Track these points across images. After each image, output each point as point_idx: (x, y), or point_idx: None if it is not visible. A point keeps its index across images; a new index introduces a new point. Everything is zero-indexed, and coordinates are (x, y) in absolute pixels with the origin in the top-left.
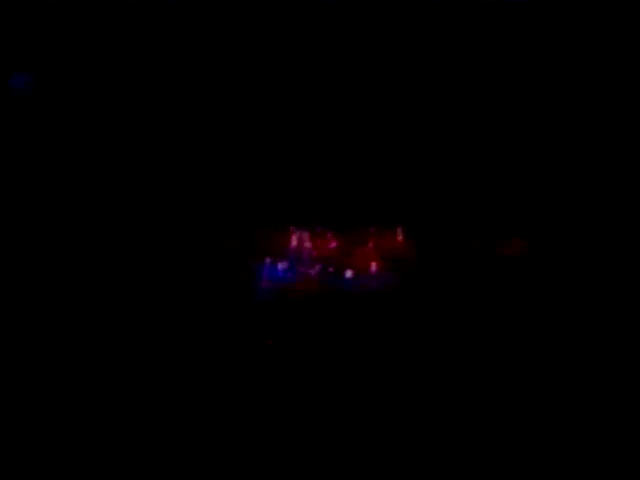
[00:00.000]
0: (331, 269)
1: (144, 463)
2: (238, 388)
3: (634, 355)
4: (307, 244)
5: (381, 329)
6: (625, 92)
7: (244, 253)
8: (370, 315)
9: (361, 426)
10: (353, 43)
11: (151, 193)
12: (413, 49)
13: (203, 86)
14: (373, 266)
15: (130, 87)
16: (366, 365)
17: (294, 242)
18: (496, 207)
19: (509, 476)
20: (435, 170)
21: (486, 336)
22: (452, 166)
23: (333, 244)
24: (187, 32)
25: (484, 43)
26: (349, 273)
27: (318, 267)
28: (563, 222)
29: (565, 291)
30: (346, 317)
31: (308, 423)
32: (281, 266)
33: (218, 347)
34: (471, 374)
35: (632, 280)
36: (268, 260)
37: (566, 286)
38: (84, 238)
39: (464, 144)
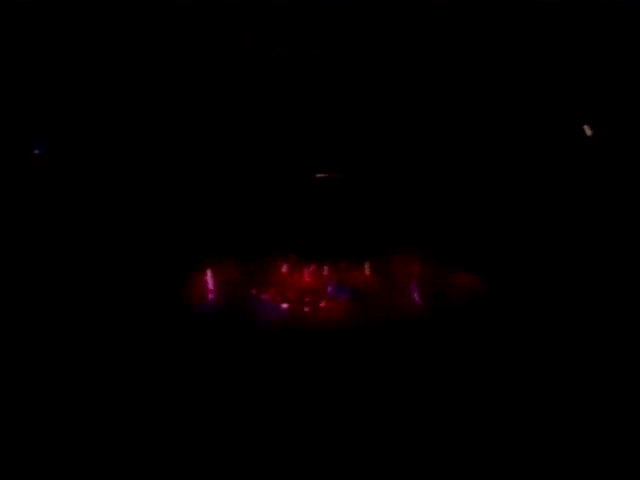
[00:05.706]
0: (307, 299)
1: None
2: (226, 414)
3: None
4: (285, 277)
5: (355, 359)
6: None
7: (227, 286)
8: (342, 344)
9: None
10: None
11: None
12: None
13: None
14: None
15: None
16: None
17: (274, 275)
18: (461, 243)
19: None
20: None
21: (454, 365)
22: (422, 203)
23: (308, 277)
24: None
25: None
26: (323, 304)
27: (295, 298)
28: (528, 259)
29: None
30: (323, 347)
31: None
32: (265, 298)
33: (203, 375)
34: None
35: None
36: (252, 292)
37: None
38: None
39: (435, 179)
